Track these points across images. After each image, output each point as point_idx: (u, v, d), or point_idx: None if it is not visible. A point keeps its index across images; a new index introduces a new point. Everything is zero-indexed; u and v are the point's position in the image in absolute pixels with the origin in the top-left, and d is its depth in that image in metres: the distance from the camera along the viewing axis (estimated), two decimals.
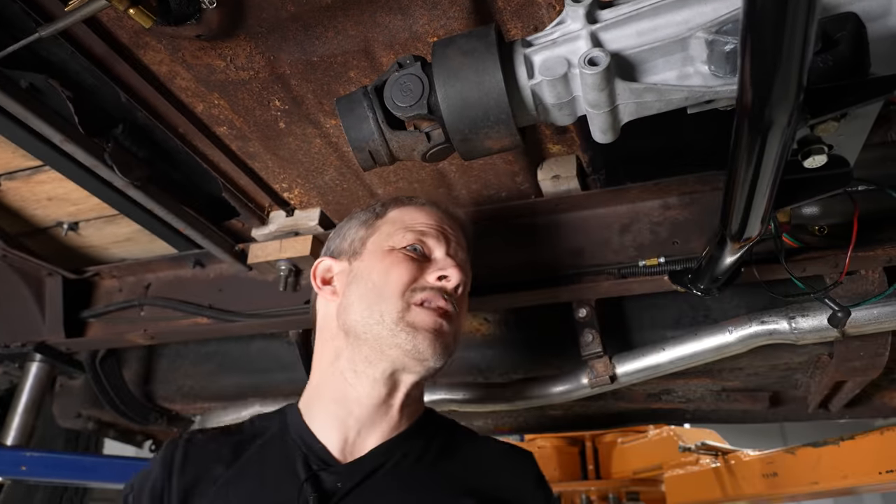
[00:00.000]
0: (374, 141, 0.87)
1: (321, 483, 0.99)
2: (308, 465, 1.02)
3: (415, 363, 1.03)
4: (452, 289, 1.08)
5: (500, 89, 0.79)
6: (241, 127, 1.30)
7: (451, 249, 1.14)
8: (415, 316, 1.04)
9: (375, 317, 1.05)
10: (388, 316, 1.04)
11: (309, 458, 1.03)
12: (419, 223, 1.16)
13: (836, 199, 1.16)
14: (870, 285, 1.30)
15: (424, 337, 1.02)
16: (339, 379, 1.08)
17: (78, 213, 1.72)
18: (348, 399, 1.06)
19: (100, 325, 1.90)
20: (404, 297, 1.05)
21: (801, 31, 0.50)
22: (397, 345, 1.03)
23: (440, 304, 1.06)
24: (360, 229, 1.20)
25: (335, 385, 1.08)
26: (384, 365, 1.05)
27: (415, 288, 1.06)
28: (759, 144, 0.62)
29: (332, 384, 1.09)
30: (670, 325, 1.55)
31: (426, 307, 1.05)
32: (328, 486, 0.99)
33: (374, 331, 1.04)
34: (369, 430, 1.06)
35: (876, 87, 0.62)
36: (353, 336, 1.08)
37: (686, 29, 0.74)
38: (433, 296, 1.06)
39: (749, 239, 0.84)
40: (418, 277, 1.08)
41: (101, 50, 1.11)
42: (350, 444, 1.05)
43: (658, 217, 1.41)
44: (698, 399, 1.99)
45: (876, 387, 1.89)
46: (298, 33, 1.05)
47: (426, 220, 1.16)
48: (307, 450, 1.04)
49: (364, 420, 1.06)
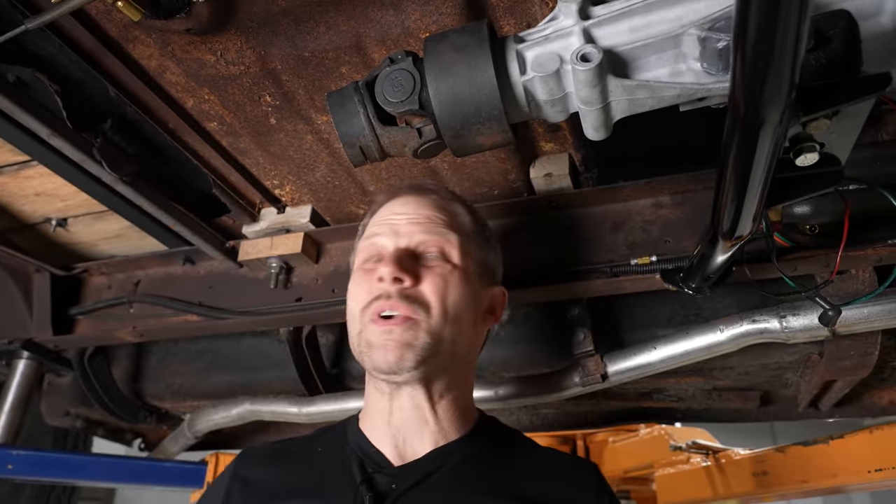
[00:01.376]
0: (365, 136, 0.86)
1: (376, 484, 1.00)
2: (363, 468, 1.03)
3: (390, 376, 1.02)
4: (391, 284, 1.00)
5: (491, 85, 0.78)
6: (231, 123, 1.29)
7: (400, 239, 1.06)
8: (368, 333, 1.02)
9: (353, 341, 1.07)
10: (353, 339, 1.06)
11: (364, 461, 1.04)
12: (374, 227, 1.12)
13: (828, 199, 1.16)
14: (860, 284, 1.30)
15: (376, 352, 1.00)
16: (375, 393, 1.10)
17: (66, 209, 1.70)
18: (382, 409, 1.08)
19: (88, 322, 1.88)
20: (362, 317, 1.03)
21: (794, 29, 0.49)
22: (366, 363, 1.04)
23: (384, 309, 1.00)
24: (356, 242, 1.19)
25: (374, 398, 1.10)
26: (382, 384, 1.06)
27: (367, 304, 1.03)
28: (751, 142, 0.61)
29: (373, 397, 1.11)
30: (662, 323, 1.55)
31: (375, 320, 1.01)
32: (383, 487, 1.00)
33: (357, 354, 1.07)
34: (414, 436, 1.06)
35: (868, 85, 0.62)
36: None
37: (679, 26, 0.74)
38: (379, 305, 1.01)
39: (740, 237, 0.84)
40: (371, 290, 1.03)
41: (90, 43, 1.09)
42: (401, 449, 1.05)
43: (650, 216, 1.41)
44: (689, 398, 2.00)
45: (865, 386, 1.90)
46: (290, 28, 1.05)
47: (380, 219, 1.12)
48: (363, 454, 1.06)
49: (402, 428, 1.06)
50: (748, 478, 2.15)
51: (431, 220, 1.08)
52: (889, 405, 1.95)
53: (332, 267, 1.62)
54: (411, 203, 1.11)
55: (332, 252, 1.64)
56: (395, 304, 0.99)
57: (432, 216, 1.09)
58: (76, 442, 2.67)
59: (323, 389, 1.77)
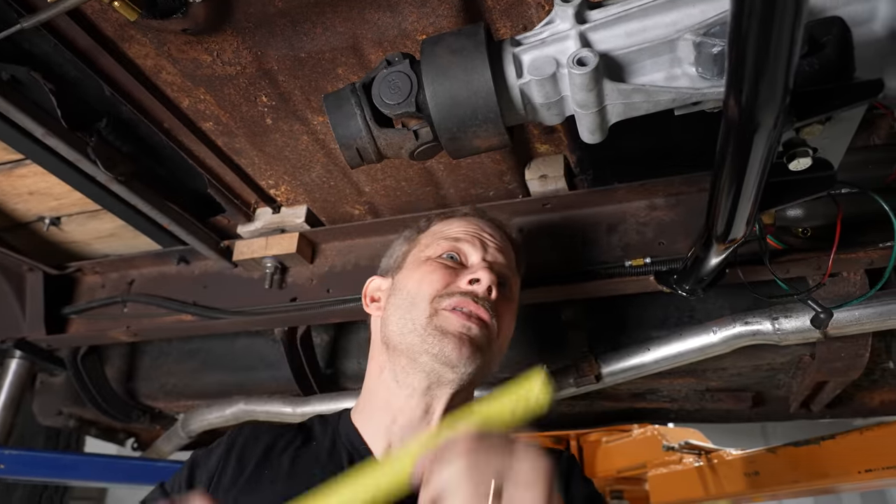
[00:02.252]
0: (362, 138, 0.87)
1: None
2: (351, 461, 1.04)
3: (445, 369, 1.02)
4: (485, 291, 1.06)
5: (488, 88, 0.79)
6: (227, 122, 1.29)
7: (488, 255, 1.14)
8: (443, 320, 1.03)
9: (408, 325, 1.06)
10: (418, 322, 1.05)
11: (354, 456, 1.05)
12: (455, 231, 1.17)
13: (820, 202, 1.18)
14: (852, 287, 1.31)
15: (450, 340, 1.01)
16: (384, 388, 1.09)
17: (60, 207, 1.70)
18: (392, 407, 1.07)
19: (82, 321, 1.87)
20: (434, 303, 1.05)
21: (788, 35, 0.50)
22: (426, 350, 1.02)
23: (470, 309, 1.04)
24: (403, 245, 1.24)
25: (381, 394, 1.10)
26: (419, 376, 1.05)
27: (445, 293, 1.06)
28: (746, 146, 0.62)
29: (379, 393, 1.10)
30: (656, 325, 1.56)
31: (455, 311, 1.04)
32: None
33: (407, 340, 1.05)
34: (413, 436, 1.06)
35: (861, 91, 0.63)
36: (391, 348, 1.09)
37: (674, 31, 0.75)
38: (463, 301, 1.04)
39: (734, 240, 0.84)
40: (450, 284, 1.07)
41: (85, 42, 1.09)
42: (393, 450, 1.06)
43: (644, 217, 1.42)
44: (682, 399, 2.01)
45: (856, 387, 1.92)
46: (286, 29, 1.05)
47: (463, 228, 1.17)
48: (352, 449, 1.07)
49: (406, 429, 1.06)
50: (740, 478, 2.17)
51: (508, 258, 1.19)
52: (880, 406, 1.97)
53: (327, 267, 1.62)
54: (497, 233, 1.20)
55: (328, 252, 1.64)
56: (481, 310, 1.04)
57: (509, 255, 1.20)
58: (68, 441, 2.65)
59: (317, 389, 1.77)
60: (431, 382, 1.04)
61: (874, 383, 1.87)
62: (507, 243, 1.21)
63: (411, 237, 1.24)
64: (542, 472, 0.66)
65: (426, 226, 1.24)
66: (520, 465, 0.67)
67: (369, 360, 1.18)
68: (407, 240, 1.24)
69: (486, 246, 1.15)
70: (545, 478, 0.66)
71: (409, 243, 1.23)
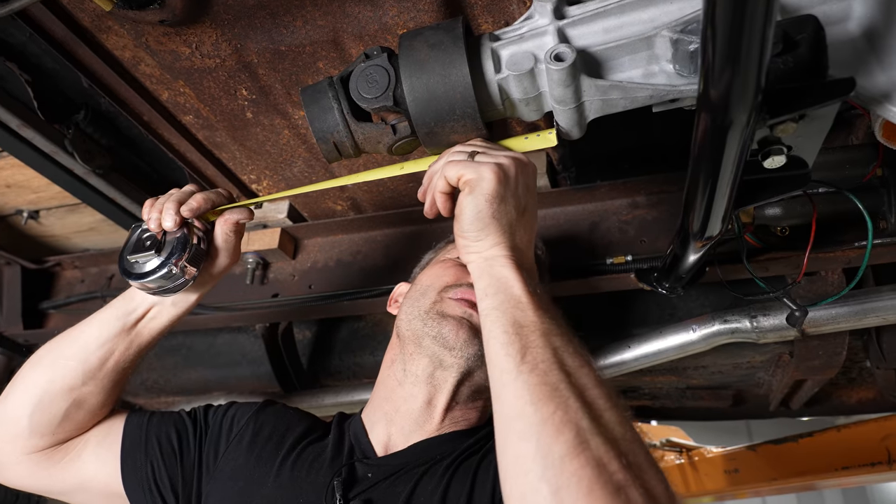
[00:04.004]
0: (339, 132, 0.86)
1: (354, 472, 1.02)
2: (352, 454, 1.06)
3: (444, 352, 1.04)
4: None
5: (466, 83, 0.78)
6: (207, 116, 1.27)
7: None
8: (445, 305, 1.07)
9: (415, 311, 1.09)
10: (422, 308, 1.08)
11: (355, 449, 1.07)
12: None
13: (798, 201, 1.18)
14: (830, 286, 1.32)
15: (449, 322, 1.04)
16: (391, 378, 1.12)
17: (38, 201, 1.67)
18: (396, 396, 1.09)
19: (60, 316, 1.85)
20: (442, 292, 1.09)
21: (760, 33, 0.50)
22: (427, 333, 1.05)
23: (473, 299, 1.05)
24: (431, 254, 1.31)
25: (388, 384, 1.12)
26: (424, 361, 1.07)
27: (454, 285, 1.09)
28: (719, 144, 0.62)
29: (386, 384, 1.13)
30: (637, 322, 1.57)
31: (458, 300, 1.07)
32: (359, 474, 1.02)
33: (413, 326, 1.08)
34: (413, 428, 1.07)
35: (833, 90, 0.63)
36: (402, 338, 1.12)
37: (652, 27, 0.75)
38: (469, 292, 1.06)
39: (710, 238, 0.85)
40: (460, 278, 1.11)
41: (62, 33, 1.08)
42: (393, 440, 1.07)
43: (626, 215, 1.42)
44: (664, 396, 2.02)
45: (835, 385, 1.94)
46: (266, 21, 1.04)
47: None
48: (355, 441, 1.08)
49: (409, 418, 1.08)
50: (720, 475, 2.19)
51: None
52: (857, 404, 2.00)
53: (310, 263, 1.61)
54: None
55: (310, 248, 1.63)
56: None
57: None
58: None
59: (298, 386, 1.76)
60: (434, 368, 1.06)
61: (852, 381, 1.90)
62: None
63: (439, 247, 1.31)
64: (513, 154, 0.85)
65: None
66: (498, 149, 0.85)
67: (385, 354, 1.20)
68: (435, 249, 1.32)
69: None
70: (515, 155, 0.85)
71: (437, 252, 1.30)
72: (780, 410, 2.04)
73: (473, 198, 0.82)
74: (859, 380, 1.91)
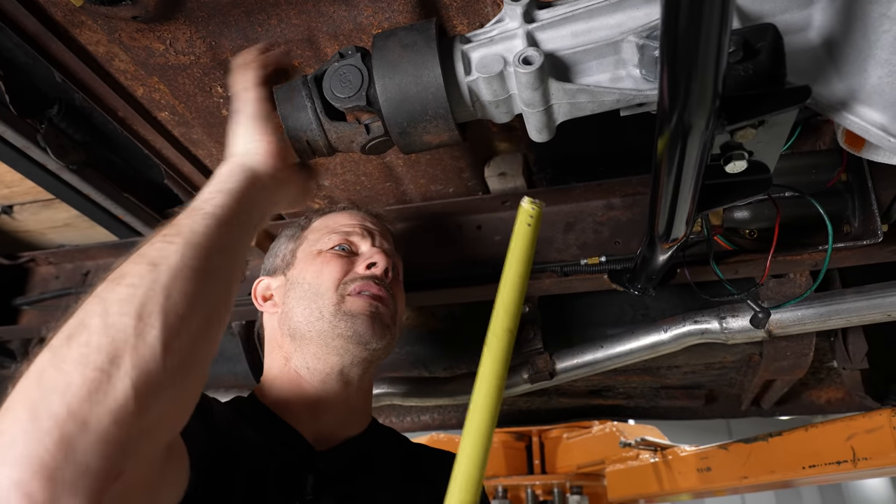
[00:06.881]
0: (312, 131, 0.87)
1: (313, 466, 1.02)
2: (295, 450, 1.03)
3: (358, 348, 1.09)
4: (382, 273, 1.15)
5: (438, 84, 0.79)
6: (182, 113, 1.27)
7: (376, 242, 1.23)
8: (350, 304, 1.10)
9: (315, 314, 1.11)
10: (326, 310, 1.10)
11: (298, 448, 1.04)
12: (342, 224, 1.24)
13: (765, 205, 1.21)
14: (797, 288, 1.35)
15: (362, 321, 1.08)
16: (293, 377, 1.12)
17: (12, 195, 1.65)
18: (306, 394, 1.10)
19: (34, 313, 1.83)
20: (338, 290, 1.12)
21: (716, 40, 0.52)
22: (339, 335, 1.08)
23: (373, 291, 1.12)
24: (288, 243, 1.28)
25: (291, 384, 1.12)
26: (333, 359, 1.10)
27: (346, 281, 1.13)
28: (680, 148, 0.64)
29: (287, 383, 1.13)
30: (610, 322, 1.59)
31: (360, 295, 1.11)
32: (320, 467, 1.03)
33: (316, 327, 1.10)
34: (336, 423, 1.11)
35: (789, 97, 0.65)
36: (298, 337, 1.12)
37: (619, 32, 0.76)
38: (365, 284, 1.12)
39: (676, 240, 0.86)
40: (349, 271, 1.15)
41: (34, 27, 1.06)
42: (323, 434, 1.08)
43: (601, 216, 1.44)
44: (638, 395, 2.05)
45: (804, 385, 1.98)
46: (241, 19, 1.04)
47: (349, 221, 1.25)
48: (287, 436, 1.05)
49: (327, 413, 1.10)
50: (693, 474, 2.22)
51: (391, 244, 1.29)
52: (826, 404, 2.04)
53: None
54: (377, 224, 1.29)
55: None
56: (382, 291, 1.14)
57: (391, 241, 1.30)
58: None
59: None
60: (345, 363, 1.10)
61: (821, 382, 1.94)
62: (388, 232, 1.31)
63: (295, 235, 1.29)
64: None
65: (307, 223, 1.30)
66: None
67: (268, 356, 1.20)
68: (291, 238, 1.29)
69: (373, 235, 1.24)
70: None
71: (295, 241, 1.27)
72: (751, 410, 2.07)
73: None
74: (828, 380, 1.96)
